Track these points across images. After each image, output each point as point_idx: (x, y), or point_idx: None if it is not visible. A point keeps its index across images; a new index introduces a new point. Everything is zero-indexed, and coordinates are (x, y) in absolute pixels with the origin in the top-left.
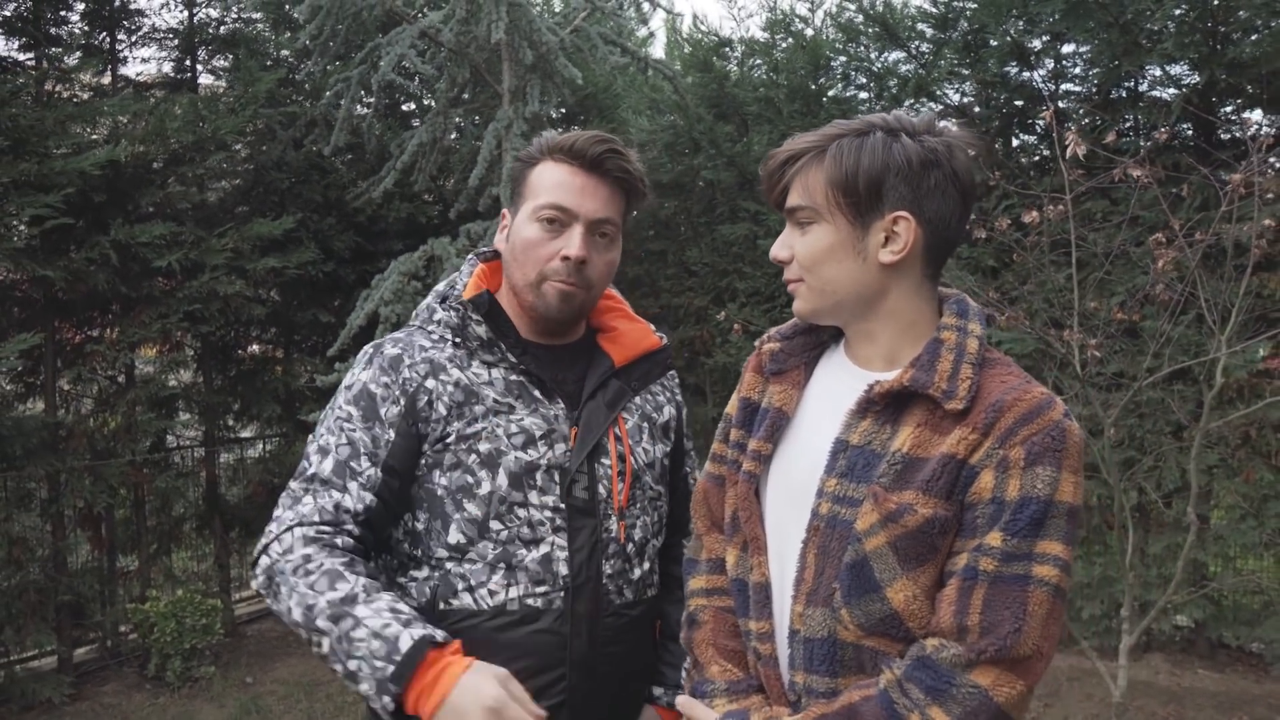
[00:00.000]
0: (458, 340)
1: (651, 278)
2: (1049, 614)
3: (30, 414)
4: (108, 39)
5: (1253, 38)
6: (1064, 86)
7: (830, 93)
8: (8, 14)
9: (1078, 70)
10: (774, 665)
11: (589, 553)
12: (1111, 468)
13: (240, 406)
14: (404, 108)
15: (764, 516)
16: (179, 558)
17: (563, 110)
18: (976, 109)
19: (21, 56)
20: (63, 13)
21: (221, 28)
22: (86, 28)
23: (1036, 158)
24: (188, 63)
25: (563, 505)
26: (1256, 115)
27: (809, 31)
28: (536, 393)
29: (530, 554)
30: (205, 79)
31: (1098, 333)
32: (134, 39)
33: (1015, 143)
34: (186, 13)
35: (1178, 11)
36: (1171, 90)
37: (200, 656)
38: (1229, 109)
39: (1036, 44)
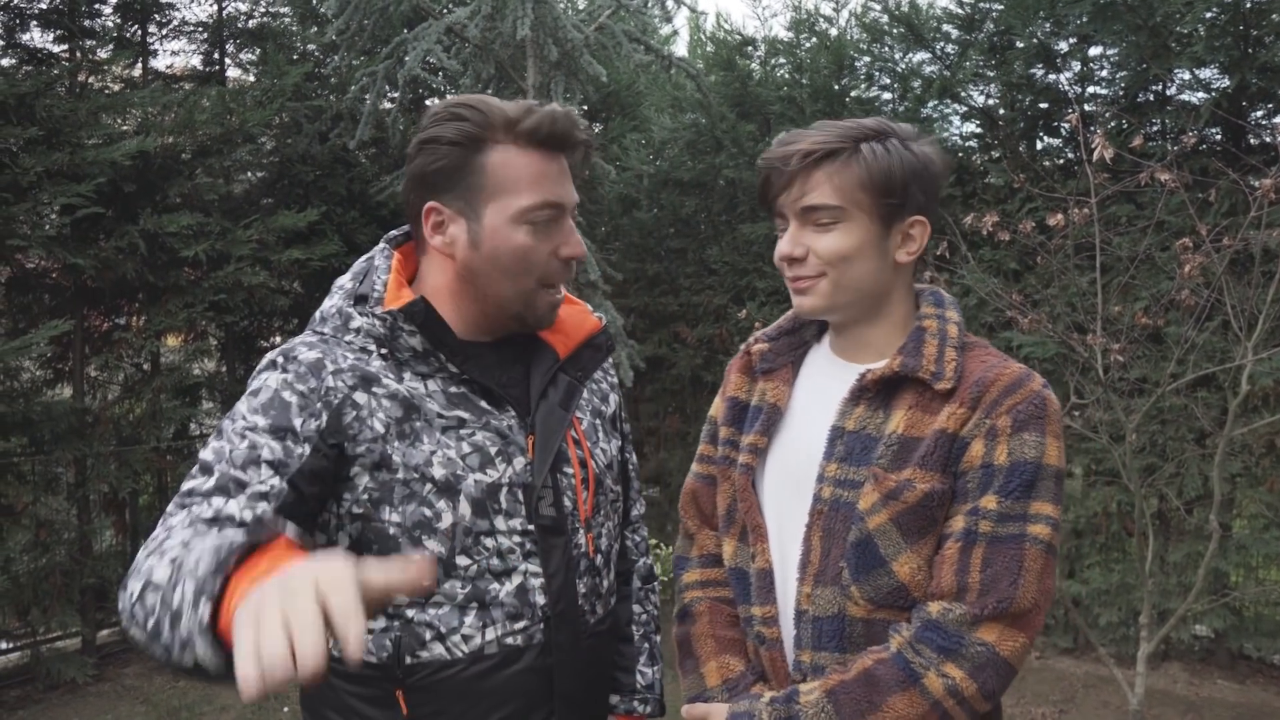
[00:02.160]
0: (384, 351)
1: (671, 275)
2: (1043, 569)
3: (59, 399)
4: (139, 32)
5: None
6: (1090, 89)
7: (853, 93)
8: (44, 6)
9: (1104, 73)
10: (779, 648)
11: (564, 576)
12: (1133, 474)
13: None
14: (427, 103)
15: (762, 506)
16: None
17: (585, 107)
18: (1001, 111)
19: (56, 49)
20: (96, 5)
21: (250, 21)
22: (119, 20)
23: (1061, 161)
24: (216, 56)
25: (530, 526)
26: None
27: (833, 31)
28: (483, 402)
29: (504, 587)
30: (233, 72)
31: (1121, 337)
32: (164, 32)
33: (1040, 145)
34: (216, 6)
35: (1208, 14)
36: (1200, 94)
37: None
38: (1259, 114)
39: (1063, 46)
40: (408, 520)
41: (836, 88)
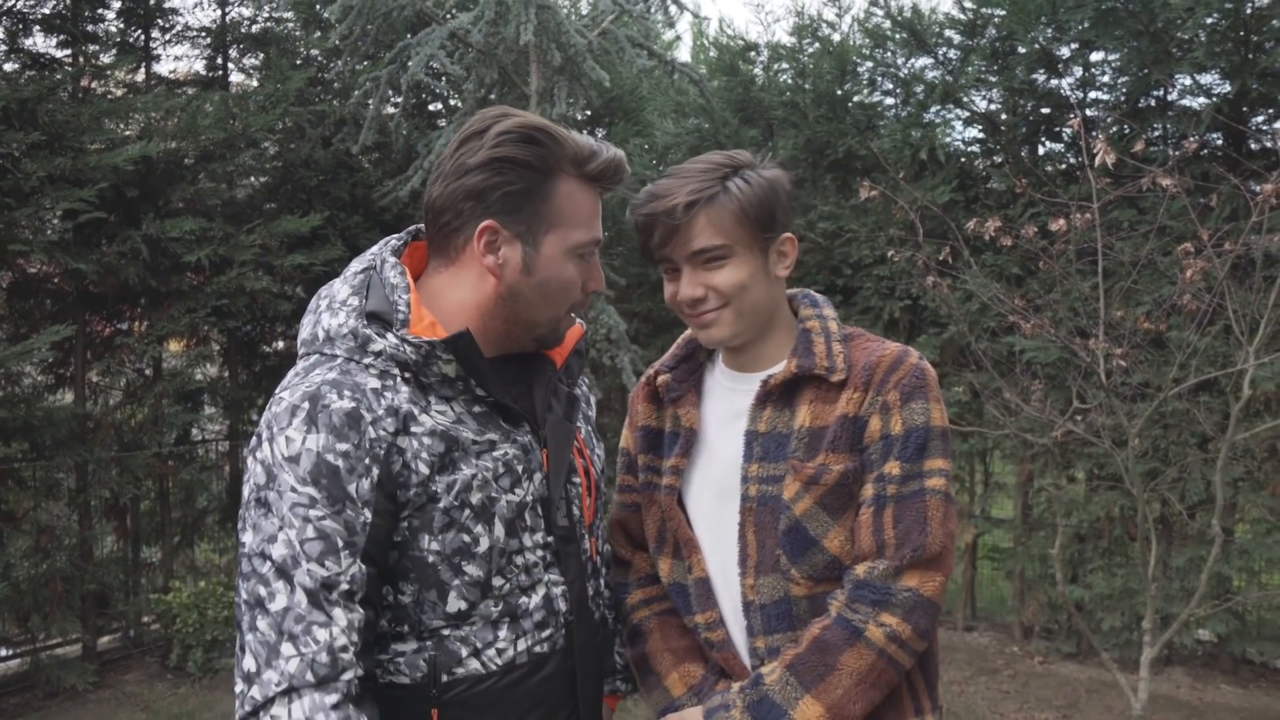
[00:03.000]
0: (407, 375)
1: None
2: (945, 515)
3: (60, 405)
4: (143, 37)
5: None
6: (1091, 95)
7: (855, 98)
8: (47, 12)
9: (1106, 78)
10: (729, 647)
11: (579, 581)
12: (1136, 479)
13: (264, 401)
14: (430, 108)
15: (691, 521)
16: (201, 550)
17: (588, 112)
18: (1003, 116)
19: (59, 53)
20: (100, 10)
21: (253, 26)
22: (122, 25)
23: (1063, 166)
24: (219, 61)
25: (550, 539)
26: None
27: (835, 37)
28: (503, 420)
29: (532, 599)
30: (236, 77)
31: (1124, 342)
32: (168, 37)
33: (1041, 151)
34: (219, 11)
35: (1209, 20)
36: (1201, 99)
37: (221, 648)
38: (1260, 119)
39: (1065, 52)
40: (447, 548)
41: (839, 93)
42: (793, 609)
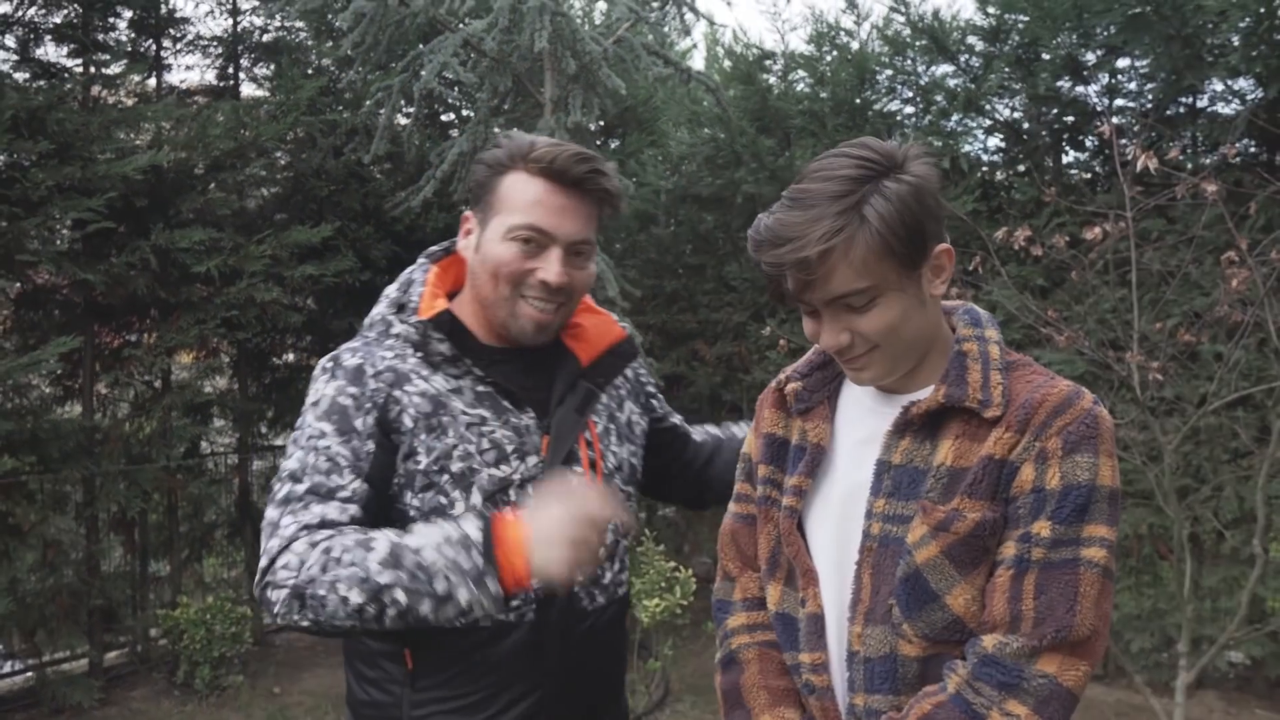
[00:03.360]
0: (419, 355)
1: (689, 292)
2: (1100, 593)
3: (68, 417)
4: (153, 46)
5: None
6: (1118, 102)
7: (875, 106)
8: (58, 21)
9: (1133, 85)
10: (829, 696)
11: None
12: (1170, 496)
13: (274, 414)
14: (443, 118)
15: (811, 549)
16: (210, 565)
17: (602, 122)
18: (1025, 124)
19: (70, 63)
20: (110, 19)
21: (264, 36)
22: (133, 35)
23: (1089, 175)
24: (230, 70)
25: None
26: None
27: (854, 45)
28: (506, 403)
29: None
30: (247, 87)
31: (1160, 355)
32: (179, 46)
33: (1065, 159)
34: (230, 21)
35: (1243, 24)
36: (1235, 105)
37: (229, 665)
38: None
39: (1091, 58)
40: (425, 506)
41: (858, 101)
42: (899, 669)
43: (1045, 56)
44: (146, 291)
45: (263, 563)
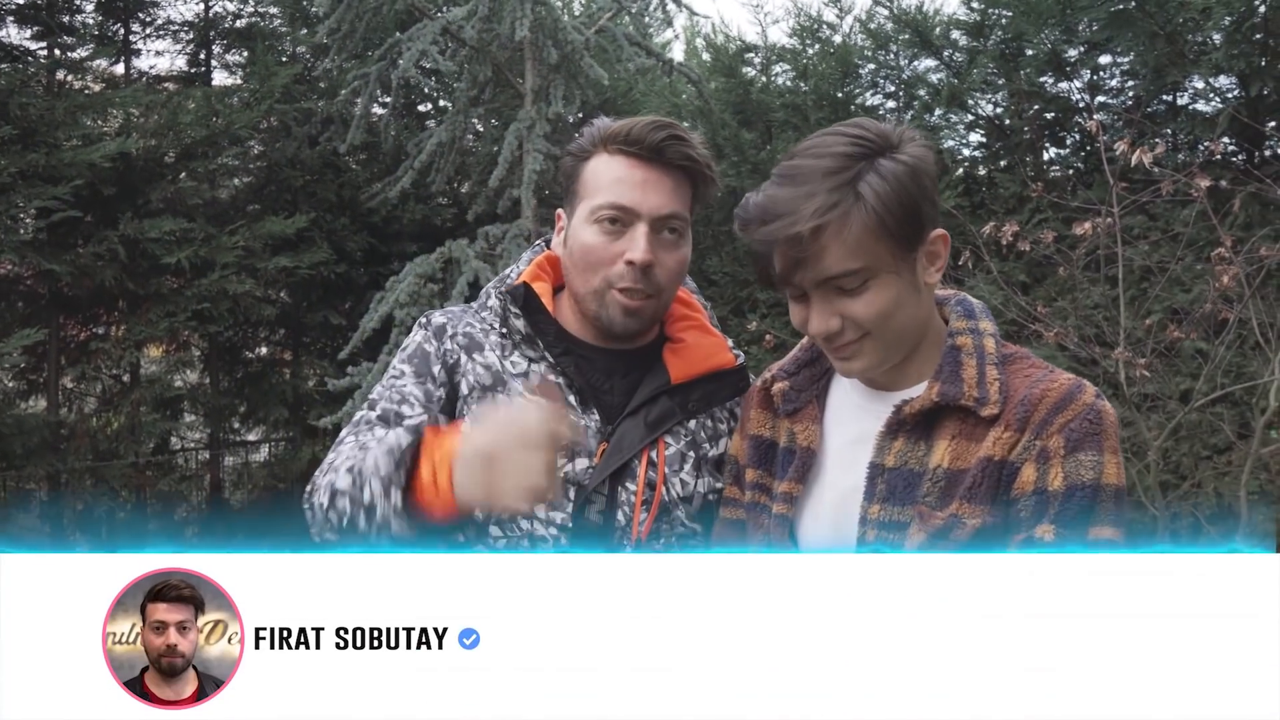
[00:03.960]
0: (504, 331)
1: None
2: None
3: (32, 412)
4: (121, 30)
5: None
6: (1099, 99)
7: (858, 100)
8: (21, 2)
9: (1114, 82)
10: None
11: None
12: (1154, 493)
13: (247, 409)
14: (420, 108)
15: None
16: None
17: (581, 114)
18: (1007, 120)
19: (33, 45)
20: (77, 2)
21: (237, 21)
22: (100, 18)
23: (1070, 171)
24: (202, 56)
25: (571, 525)
26: None
27: (837, 38)
28: (571, 398)
29: None
30: (219, 74)
31: (1146, 351)
32: (148, 31)
33: (1046, 155)
34: (202, 5)
35: (1225, 22)
36: (1215, 103)
37: None
38: (1271, 124)
39: (1073, 54)
40: None
41: (840, 95)
42: None
43: (1029, 52)
44: (114, 283)
45: (315, 475)
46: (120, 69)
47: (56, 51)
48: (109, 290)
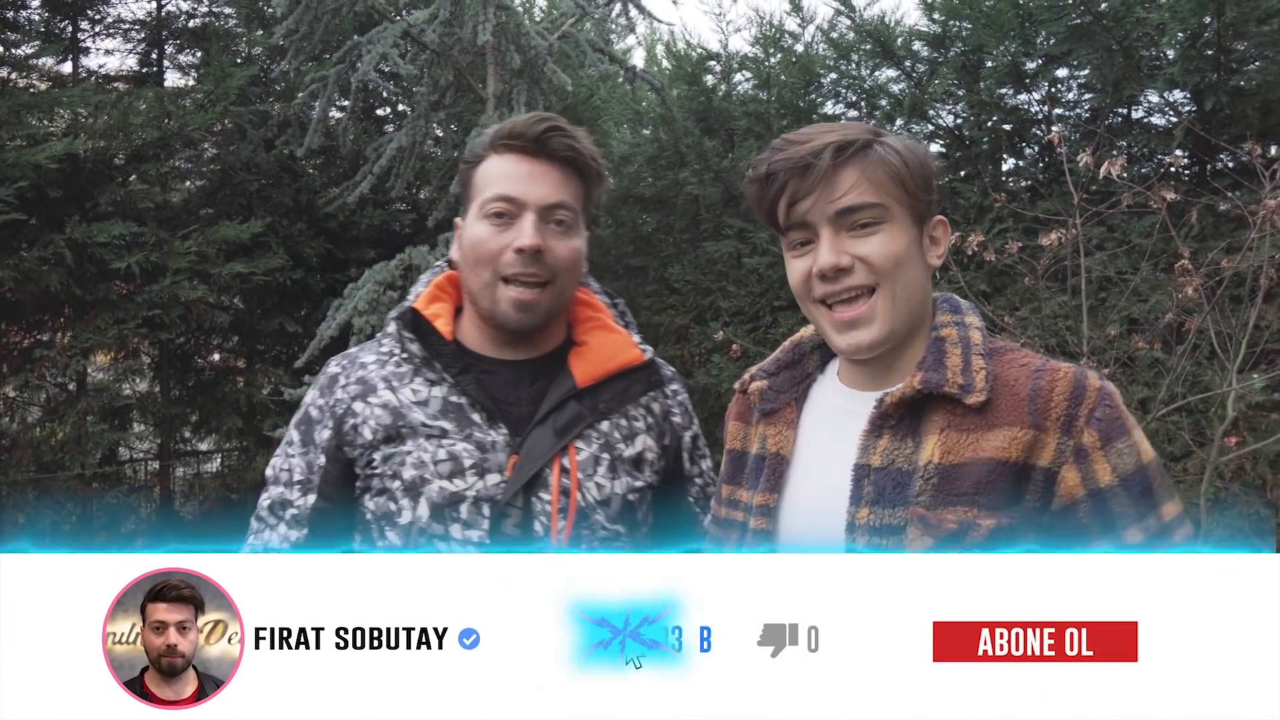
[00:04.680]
0: (404, 356)
1: (631, 295)
2: None
3: None
4: (69, 27)
5: (1254, 65)
6: (1056, 111)
7: (821, 109)
8: None
9: (1071, 95)
10: None
11: None
12: None
13: (199, 418)
14: (379, 112)
15: None
16: None
17: None
18: (966, 131)
19: None
20: None
21: (191, 21)
22: (47, 15)
23: (1027, 182)
24: (154, 56)
25: (488, 541)
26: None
27: (799, 47)
28: (476, 416)
29: None
30: (172, 74)
31: (1110, 361)
32: (97, 29)
33: (1005, 166)
34: (154, 4)
35: (1181, 35)
36: (1171, 117)
37: None
38: (1224, 137)
39: (1031, 67)
40: (378, 510)
41: (802, 104)
42: None
43: (989, 64)
44: (60, 288)
45: None
46: (68, 67)
47: (0, 48)
48: (55, 296)
